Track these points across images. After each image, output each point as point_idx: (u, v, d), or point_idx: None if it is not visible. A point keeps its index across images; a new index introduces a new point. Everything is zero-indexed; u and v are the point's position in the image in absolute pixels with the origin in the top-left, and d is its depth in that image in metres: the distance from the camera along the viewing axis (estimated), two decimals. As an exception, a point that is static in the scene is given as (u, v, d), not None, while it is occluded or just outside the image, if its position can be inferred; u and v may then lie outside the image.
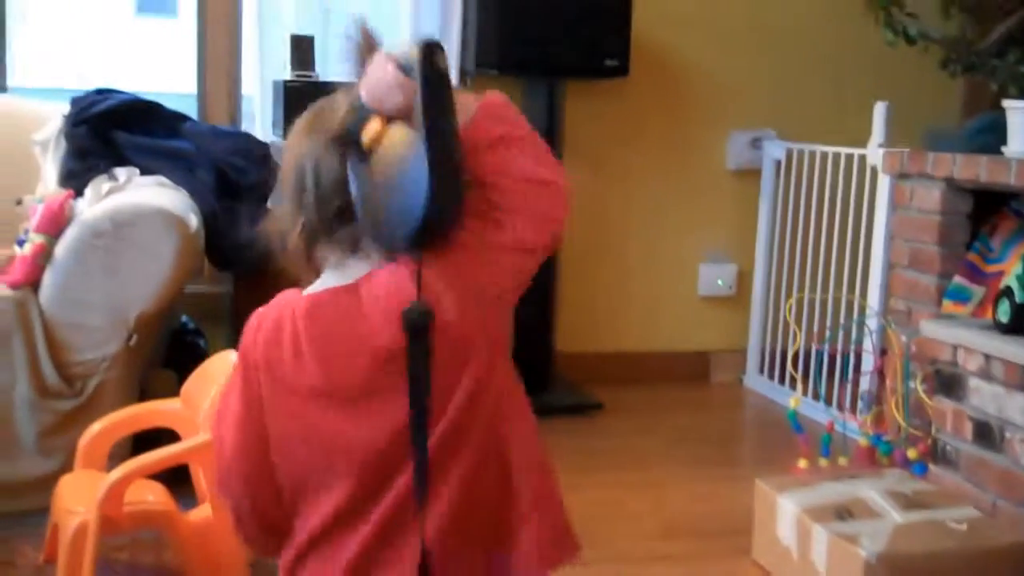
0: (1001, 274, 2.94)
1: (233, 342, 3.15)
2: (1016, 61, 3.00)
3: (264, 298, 3.34)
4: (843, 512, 2.45)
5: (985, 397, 2.49)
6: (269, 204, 1.38)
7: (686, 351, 4.30)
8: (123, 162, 3.14)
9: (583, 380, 4.01)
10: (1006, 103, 2.96)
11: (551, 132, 3.74)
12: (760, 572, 2.61)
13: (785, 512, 2.52)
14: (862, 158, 3.63)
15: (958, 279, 3.10)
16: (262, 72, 3.75)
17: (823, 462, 3.02)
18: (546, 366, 3.87)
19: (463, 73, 3.82)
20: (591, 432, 3.65)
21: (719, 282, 4.33)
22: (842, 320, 3.68)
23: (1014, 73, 2.97)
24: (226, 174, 3.18)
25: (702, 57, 4.21)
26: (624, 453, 3.47)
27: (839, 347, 3.61)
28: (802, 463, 2.99)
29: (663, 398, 4.06)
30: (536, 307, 3.81)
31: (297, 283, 1.43)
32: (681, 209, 4.26)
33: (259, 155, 3.29)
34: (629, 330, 4.25)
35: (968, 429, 2.54)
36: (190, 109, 3.64)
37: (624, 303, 4.24)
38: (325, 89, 3.57)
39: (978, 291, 3.06)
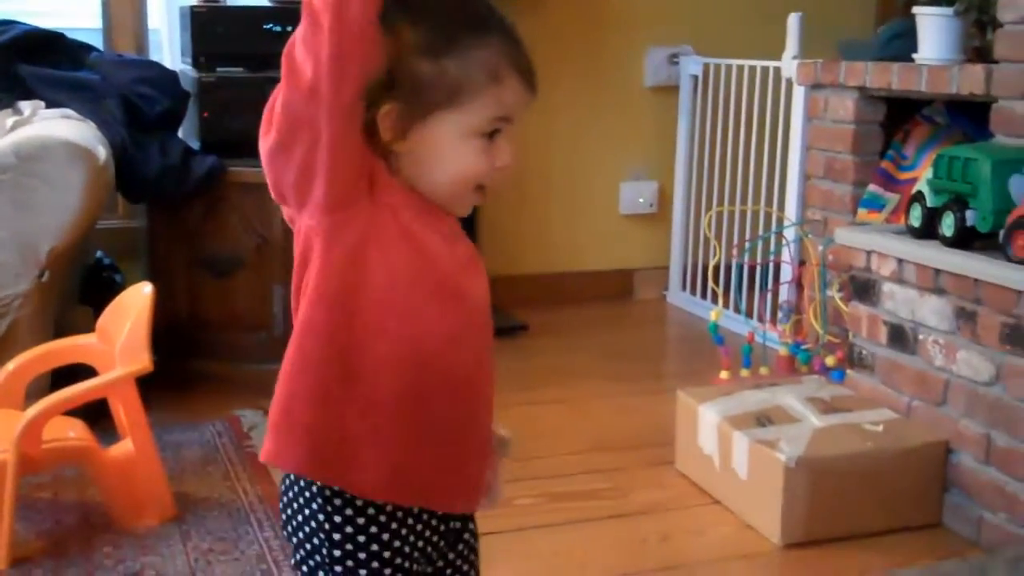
0: (914, 181, 2.97)
1: (148, 276, 3.13)
2: (925, -33, 3.01)
3: (179, 230, 3.31)
4: (763, 419, 2.49)
5: (898, 301, 2.53)
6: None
7: (609, 270, 4.32)
8: (27, 95, 3.07)
9: (508, 303, 4.02)
10: (916, 9, 2.97)
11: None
12: (684, 481, 2.65)
13: (706, 422, 2.56)
14: (777, 70, 3.63)
15: (872, 187, 3.14)
16: (168, -1, 3.66)
17: (744, 372, 3.06)
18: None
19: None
20: (517, 353, 3.66)
21: (640, 200, 4.34)
22: (761, 232, 3.71)
23: (923, -21, 2.98)
24: (134, 104, 3.11)
25: (617, -27, 4.18)
26: (550, 372, 3.49)
27: (758, 259, 3.65)
28: (724, 374, 3.03)
29: (588, 317, 4.09)
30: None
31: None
32: (600, 128, 4.25)
33: (168, 83, 3.22)
34: (552, 251, 4.26)
35: (883, 333, 2.58)
36: (96, 42, 3.54)
37: (546, 224, 4.24)
38: (233, 15, 3.51)
39: (892, 198, 3.10)
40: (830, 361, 2.95)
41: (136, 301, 2.38)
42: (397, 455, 1.23)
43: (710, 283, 3.61)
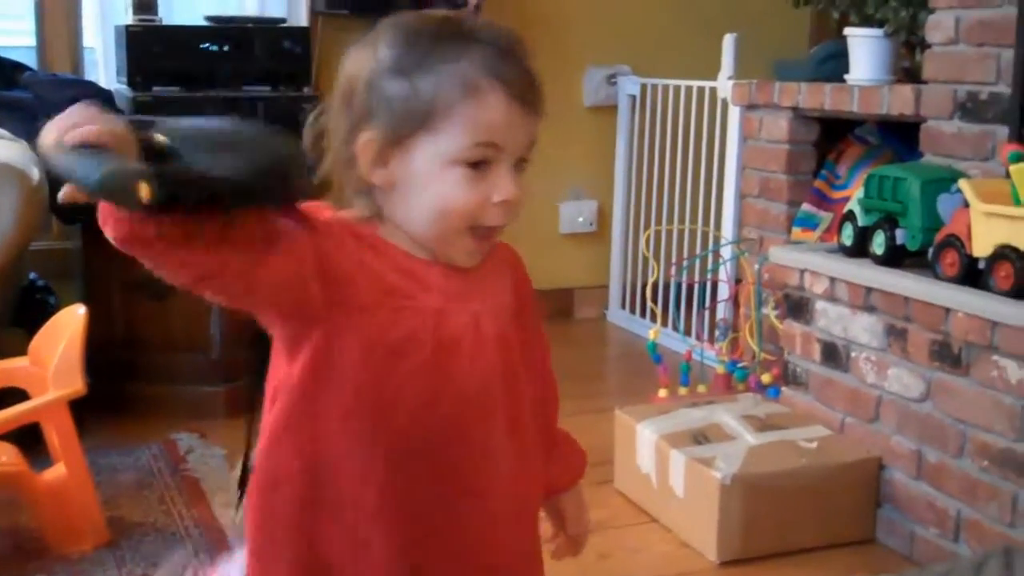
0: (847, 200, 3.01)
1: (83, 297, 3.09)
2: (856, -10, 3.07)
3: (114, 251, 3.25)
4: (699, 437, 2.51)
5: (831, 319, 2.56)
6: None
7: (550, 289, 4.32)
8: (-42, 115, 3.02)
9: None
10: (848, 31, 3.02)
11: (405, 73, 3.70)
12: (623, 500, 2.66)
13: (644, 440, 2.57)
14: (713, 91, 3.67)
15: (806, 206, 3.18)
16: (103, 18, 3.62)
17: (683, 390, 3.08)
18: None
19: (314, 14, 3.76)
20: (457, 372, 3.65)
21: (580, 219, 4.37)
22: (698, 251, 3.74)
23: (854, 1, 3.03)
24: (69, 124, 3.07)
25: (555, -6, 4.20)
26: (490, 391, 3.48)
27: (696, 278, 3.68)
28: (662, 392, 3.05)
29: (528, 336, 4.08)
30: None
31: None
32: (539, 147, 4.19)
33: (102, 103, 3.19)
34: (493, 270, 4.25)
35: (816, 351, 2.62)
36: (30, 61, 3.51)
37: (487, 243, 4.23)
38: (169, 34, 3.48)
39: (826, 217, 3.14)
40: (766, 378, 2.98)
41: (70, 323, 2.35)
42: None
43: (648, 302, 3.64)
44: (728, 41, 3.57)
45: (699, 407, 2.71)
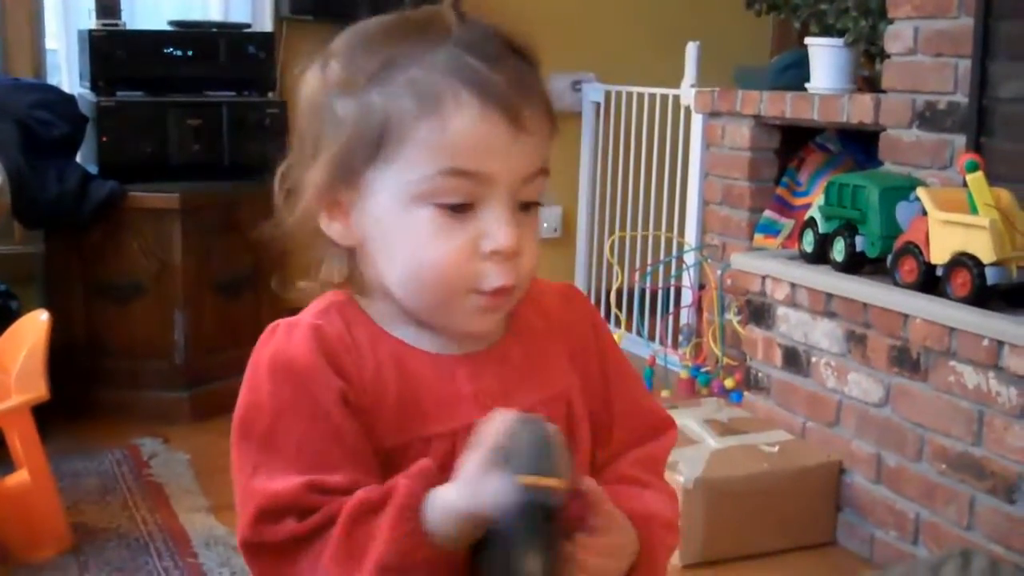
0: (808, 207, 3.05)
1: (46, 302, 3.07)
2: None
3: (77, 255, 3.25)
4: (662, 441, 2.53)
5: (792, 324, 2.59)
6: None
7: (514, 294, 4.34)
8: (-81, 119, 3.00)
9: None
10: (808, 40, 3.06)
11: (370, 79, 3.70)
12: (586, 504, 2.67)
13: (608, 445, 2.59)
14: (676, 98, 3.70)
15: (768, 213, 3.21)
16: (67, 21, 3.60)
17: (646, 395, 3.10)
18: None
19: (279, 19, 3.76)
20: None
21: (544, 224, 4.38)
22: (662, 257, 3.77)
23: (815, 11, 3.07)
24: (31, 128, 3.06)
25: (519, 1, 4.21)
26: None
27: (659, 283, 3.71)
28: (625, 397, 3.07)
29: (492, 341, 4.09)
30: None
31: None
32: None
33: (66, 108, 3.18)
34: (457, 275, 4.25)
35: (778, 356, 2.64)
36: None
37: (451, 248, 4.23)
38: (133, 38, 3.46)
39: (787, 224, 3.18)
40: (729, 383, 3.01)
41: (32, 329, 2.34)
42: None
43: (613, 307, 3.66)
44: (691, 49, 3.59)
45: (662, 412, 2.72)
